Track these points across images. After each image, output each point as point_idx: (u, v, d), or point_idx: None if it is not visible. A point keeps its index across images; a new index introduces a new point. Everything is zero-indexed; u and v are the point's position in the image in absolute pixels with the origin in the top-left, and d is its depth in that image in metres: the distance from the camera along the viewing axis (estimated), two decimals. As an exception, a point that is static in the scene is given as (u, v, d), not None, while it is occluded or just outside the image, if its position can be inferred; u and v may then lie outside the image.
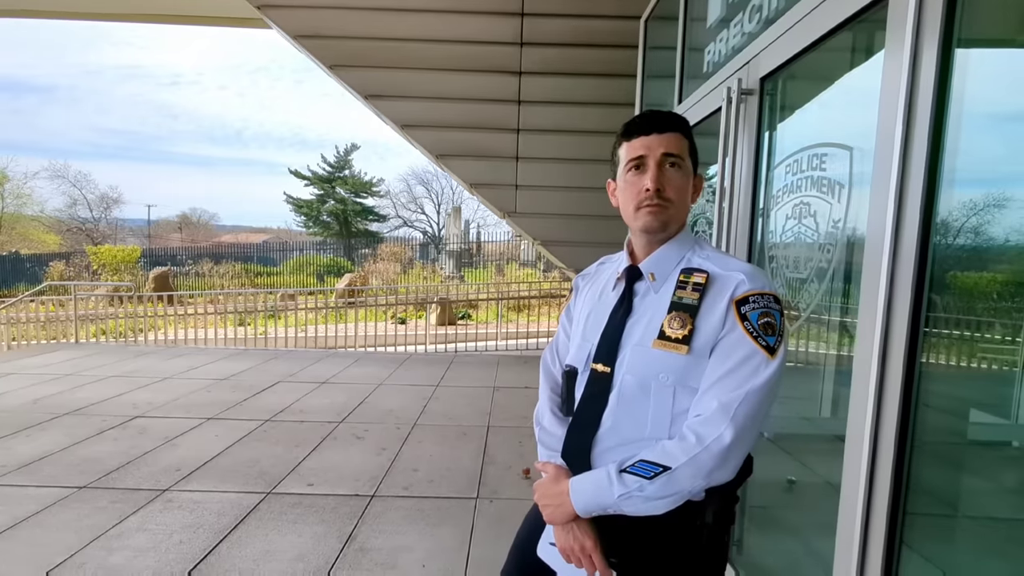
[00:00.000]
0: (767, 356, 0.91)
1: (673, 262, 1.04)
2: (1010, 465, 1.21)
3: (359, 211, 28.71)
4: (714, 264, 1.01)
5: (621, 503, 0.93)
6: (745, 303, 0.94)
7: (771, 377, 0.91)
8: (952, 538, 1.27)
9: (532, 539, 1.12)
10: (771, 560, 1.93)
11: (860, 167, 1.38)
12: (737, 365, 0.91)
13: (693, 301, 0.97)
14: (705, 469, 0.89)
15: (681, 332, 0.96)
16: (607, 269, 1.19)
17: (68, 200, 26.60)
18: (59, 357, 6.03)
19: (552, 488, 1.04)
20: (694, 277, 0.99)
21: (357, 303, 9.93)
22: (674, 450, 0.91)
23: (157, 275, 15.65)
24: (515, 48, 4.94)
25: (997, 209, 1.08)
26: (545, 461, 1.11)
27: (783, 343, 0.94)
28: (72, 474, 2.92)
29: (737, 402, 0.89)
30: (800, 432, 1.91)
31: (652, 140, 1.01)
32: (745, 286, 0.95)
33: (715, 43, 2.28)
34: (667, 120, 1.03)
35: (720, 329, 0.94)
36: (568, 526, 1.01)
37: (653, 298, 1.03)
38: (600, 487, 0.95)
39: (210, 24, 6.73)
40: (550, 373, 1.23)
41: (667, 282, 1.03)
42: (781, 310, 0.96)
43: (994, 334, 1.16)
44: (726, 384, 0.91)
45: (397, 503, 2.70)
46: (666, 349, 0.96)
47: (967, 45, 1.08)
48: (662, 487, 0.90)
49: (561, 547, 1.02)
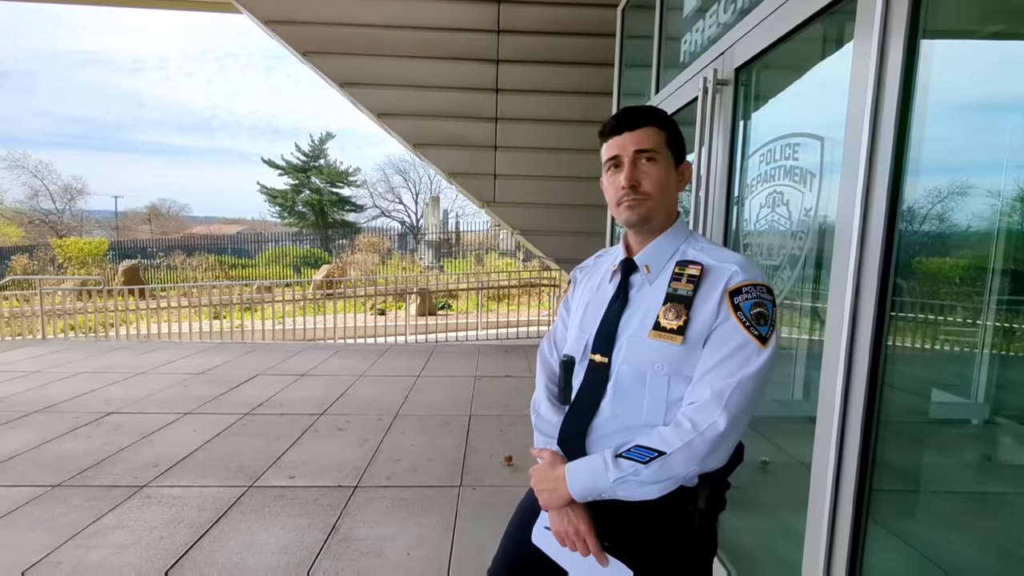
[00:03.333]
0: (759, 345, 0.94)
1: (667, 254, 1.07)
2: (970, 442, 1.27)
3: (335, 201, 28.26)
4: (708, 256, 1.03)
5: (616, 487, 0.95)
6: (738, 294, 0.97)
7: (763, 365, 0.94)
8: (916, 513, 1.34)
9: (525, 527, 1.14)
10: (746, 538, 2.00)
11: (831, 156, 1.42)
12: (730, 354, 0.94)
13: (688, 292, 1.00)
14: (699, 455, 0.92)
15: (676, 323, 0.98)
16: (604, 262, 1.21)
17: (29, 191, 25.52)
18: (25, 354, 5.84)
19: (548, 473, 1.06)
20: (689, 269, 1.02)
21: (335, 294, 9.81)
22: (669, 436, 0.94)
23: (127, 268, 15.19)
24: (492, 36, 4.89)
25: (960, 197, 1.12)
26: (541, 447, 1.13)
27: (775, 333, 0.97)
28: (45, 472, 2.86)
29: (730, 390, 0.92)
30: (774, 415, 1.97)
31: (625, 139, 1.04)
32: (739, 277, 0.98)
33: (691, 33, 2.30)
34: (639, 116, 1.05)
35: (714, 319, 0.97)
36: (563, 511, 1.03)
37: (649, 290, 1.06)
38: (595, 472, 0.97)
39: (178, 8, 6.51)
40: (547, 363, 1.25)
41: (662, 274, 1.06)
42: (773, 300, 0.99)
43: (955, 317, 1.21)
44: (720, 372, 0.94)
45: (380, 493, 2.71)
46: (661, 339, 0.99)
47: (932, 36, 1.11)
48: (656, 472, 0.93)
49: (556, 531, 1.04)
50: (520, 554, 1.15)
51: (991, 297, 1.12)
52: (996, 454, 1.20)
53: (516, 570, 1.18)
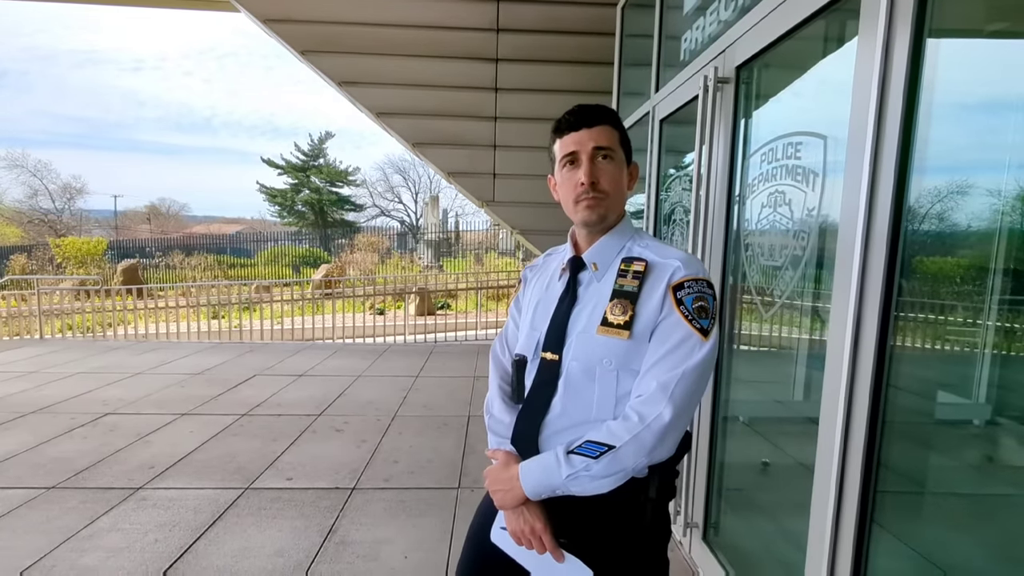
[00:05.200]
0: (701, 338, 0.96)
1: (614, 251, 1.09)
2: (973, 443, 1.25)
3: (335, 200, 28.26)
4: (652, 253, 1.05)
5: (569, 483, 0.96)
6: (680, 288, 0.99)
7: (705, 357, 0.96)
8: (920, 515, 1.32)
9: (485, 528, 1.14)
10: (747, 541, 1.98)
11: (834, 155, 1.40)
12: (674, 347, 0.96)
13: (633, 288, 1.02)
14: (647, 446, 0.93)
15: (623, 318, 1.00)
16: (553, 260, 1.22)
17: (28, 191, 25.47)
18: (22, 354, 5.82)
19: (502, 473, 1.06)
20: (634, 266, 1.04)
21: (334, 294, 9.78)
22: (618, 430, 0.95)
23: (126, 268, 15.17)
24: (491, 34, 4.87)
25: (965, 196, 1.11)
26: (495, 448, 1.14)
27: (716, 325, 1.00)
28: (39, 474, 2.84)
29: (674, 382, 0.94)
30: (774, 415, 1.95)
31: (583, 135, 1.05)
32: (681, 272, 1.00)
33: (691, 31, 2.28)
34: (596, 114, 1.06)
35: (659, 314, 0.99)
36: (519, 510, 1.03)
37: (596, 287, 1.07)
38: (548, 469, 0.98)
39: (176, 7, 6.49)
40: (500, 363, 1.25)
41: (609, 271, 1.07)
42: (714, 294, 1.01)
43: (958, 317, 1.19)
44: (664, 365, 0.96)
45: (378, 495, 2.69)
46: (609, 335, 1.01)
47: (938, 35, 1.10)
48: (607, 465, 0.94)
49: (512, 531, 1.04)
50: (482, 555, 1.15)
51: (995, 297, 1.10)
52: (999, 455, 1.19)
53: (480, 572, 1.18)
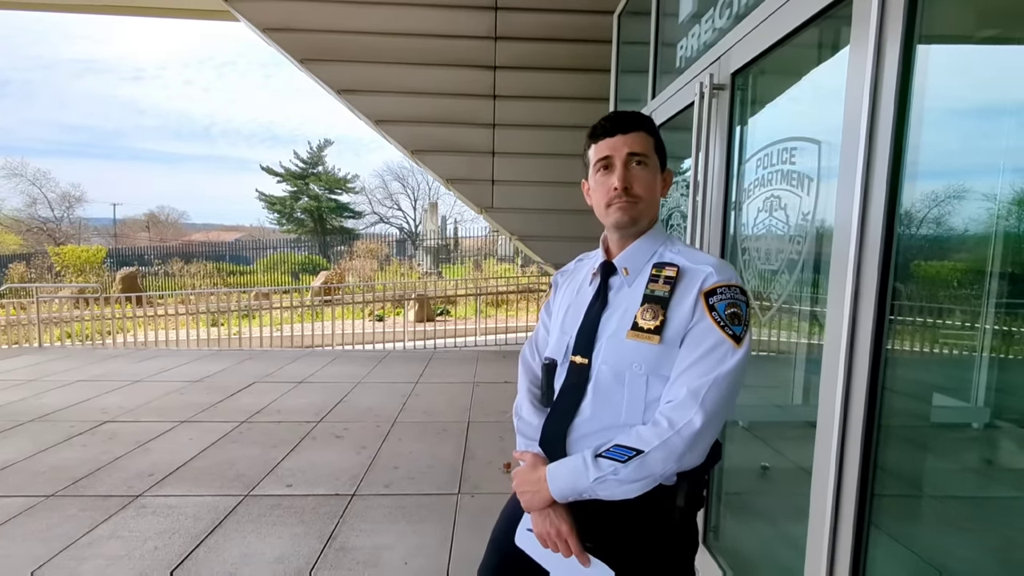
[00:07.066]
0: (733, 345, 0.96)
1: (646, 256, 1.08)
2: (970, 446, 1.26)
3: (334, 208, 28.29)
4: (684, 258, 1.05)
5: (596, 487, 0.96)
6: (713, 294, 0.98)
7: (737, 364, 0.95)
8: (918, 518, 1.32)
9: (509, 531, 1.14)
10: (747, 544, 1.98)
11: (828, 161, 1.42)
12: (705, 353, 0.96)
13: (664, 293, 1.01)
14: (676, 452, 0.93)
15: (653, 323, 1.00)
16: (584, 265, 1.23)
17: (27, 199, 25.52)
18: (21, 362, 5.81)
19: (530, 475, 1.07)
20: (665, 271, 1.04)
21: (333, 301, 9.79)
22: (647, 435, 0.95)
23: (125, 275, 15.14)
24: (489, 42, 4.91)
25: (957, 200, 1.12)
26: (523, 450, 1.14)
27: (748, 332, 0.99)
28: (39, 482, 2.83)
29: (706, 388, 0.93)
30: (773, 420, 1.96)
31: (617, 141, 1.06)
32: (713, 278, 1.00)
33: (687, 38, 2.31)
34: (631, 120, 1.07)
35: (690, 319, 0.98)
36: (545, 512, 1.03)
37: (627, 291, 1.07)
38: (576, 472, 0.98)
39: (175, 16, 6.53)
40: (529, 367, 1.26)
41: (640, 276, 1.07)
42: (747, 301, 1.00)
43: (954, 320, 1.20)
44: (695, 371, 0.95)
45: (378, 501, 2.69)
46: (639, 340, 1.00)
47: (928, 41, 1.11)
48: (635, 470, 0.93)
49: (538, 533, 1.05)
50: (506, 557, 1.16)
51: (990, 300, 1.11)
52: (997, 458, 1.19)
53: (502, 574, 1.18)
